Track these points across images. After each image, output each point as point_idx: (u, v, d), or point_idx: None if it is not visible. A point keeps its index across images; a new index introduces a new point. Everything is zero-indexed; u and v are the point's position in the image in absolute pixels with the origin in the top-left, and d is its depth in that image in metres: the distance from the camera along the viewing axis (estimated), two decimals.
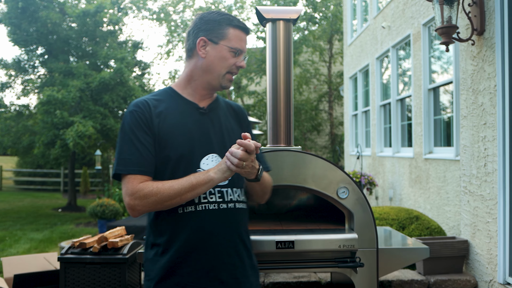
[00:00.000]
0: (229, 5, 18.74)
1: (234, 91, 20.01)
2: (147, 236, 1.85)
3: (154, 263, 1.76)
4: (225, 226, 1.82)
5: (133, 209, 1.67)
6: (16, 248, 7.59)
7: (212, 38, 1.79)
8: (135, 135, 1.72)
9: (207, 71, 1.81)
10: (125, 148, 1.72)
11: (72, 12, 12.83)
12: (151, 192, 1.65)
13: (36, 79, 14.01)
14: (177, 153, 1.76)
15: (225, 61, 1.81)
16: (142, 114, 1.74)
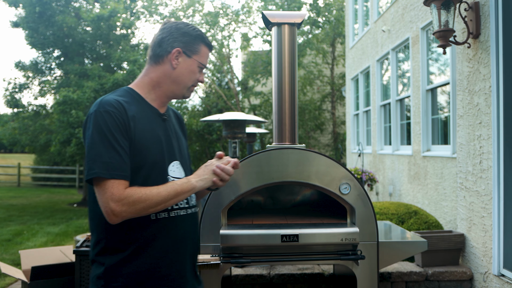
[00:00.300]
0: (237, 9, 18.81)
1: (241, 92, 20.07)
2: (103, 241, 1.70)
3: (119, 269, 1.67)
4: (192, 230, 1.86)
5: (117, 215, 1.56)
6: (33, 241, 7.71)
7: (186, 51, 1.79)
8: (115, 138, 1.61)
9: (175, 81, 1.81)
10: (104, 151, 1.58)
11: (87, 17, 12.96)
12: (140, 198, 1.58)
13: (52, 81, 14.15)
14: (150, 160, 1.71)
15: (193, 75, 1.82)
16: (120, 116, 1.64)
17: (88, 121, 1.66)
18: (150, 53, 1.84)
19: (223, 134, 4.95)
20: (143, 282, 1.69)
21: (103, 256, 1.69)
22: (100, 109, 1.64)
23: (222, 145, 19.41)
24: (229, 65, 19.51)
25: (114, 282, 1.66)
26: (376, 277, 2.82)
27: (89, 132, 1.62)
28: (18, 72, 14.08)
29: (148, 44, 15.62)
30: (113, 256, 1.68)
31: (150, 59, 1.84)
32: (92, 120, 1.63)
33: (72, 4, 13.88)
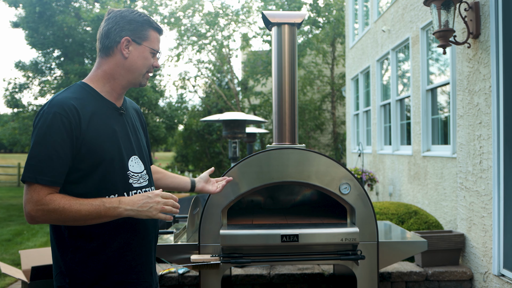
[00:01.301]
0: (237, 9, 18.82)
1: (241, 92, 20.08)
2: (61, 238, 1.68)
3: (83, 265, 1.66)
4: (152, 225, 1.87)
5: (32, 218, 1.56)
6: (33, 241, 7.69)
7: (135, 39, 1.76)
8: (54, 141, 1.58)
9: (130, 70, 1.78)
10: (37, 153, 1.57)
11: (87, 17, 12.98)
12: (56, 209, 1.56)
13: (52, 81, 14.17)
14: (107, 157, 1.70)
15: (146, 61, 1.79)
16: (67, 119, 1.60)
17: (36, 119, 1.64)
18: (100, 46, 1.79)
19: (223, 134, 4.95)
20: (106, 277, 1.70)
21: (62, 254, 1.68)
22: (49, 109, 1.61)
23: (222, 145, 19.42)
24: (229, 65, 19.52)
25: (77, 279, 1.66)
26: (376, 277, 2.83)
27: (35, 131, 1.61)
28: (18, 72, 14.11)
29: None
30: (74, 253, 1.67)
31: (100, 52, 1.79)
32: (38, 120, 1.62)
33: (72, 4, 13.90)
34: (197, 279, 3.83)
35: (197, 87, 21.14)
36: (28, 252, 3.74)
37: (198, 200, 3.21)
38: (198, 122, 18.96)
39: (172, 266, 4.00)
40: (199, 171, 20.01)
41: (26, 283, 3.47)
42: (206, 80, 20.74)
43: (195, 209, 3.11)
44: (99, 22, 12.99)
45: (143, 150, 1.90)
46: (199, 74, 20.05)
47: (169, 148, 26.80)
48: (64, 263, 1.67)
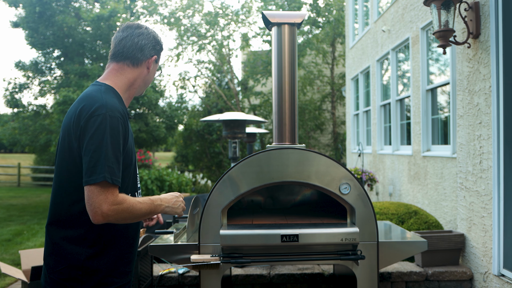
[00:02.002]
0: (237, 9, 18.82)
1: (241, 92, 20.08)
2: (78, 233, 1.78)
3: (99, 258, 1.78)
4: (141, 223, 2.09)
5: (105, 217, 1.66)
6: (33, 241, 7.69)
7: (157, 59, 2.03)
8: (119, 144, 1.72)
9: (146, 83, 2.00)
10: (110, 155, 1.68)
11: (87, 17, 12.98)
12: (127, 208, 1.70)
13: (52, 80, 14.17)
14: (134, 160, 1.90)
15: (153, 77, 2.05)
16: (124, 124, 1.76)
17: (95, 119, 1.70)
18: (127, 54, 1.93)
19: (223, 134, 4.95)
20: (118, 268, 1.85)
21: (81, 246, 1.78)
22: (110, 113, 1.71)
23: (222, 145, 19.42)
24: (229, 65, 19.52)
25: (94, 272, 1.78)
26: (376, 277, 2.83)
27: (98, 132, 1.68)
28: (18, 72, 14.11)
29: None
30: (90, 248, 1.78)
31: (126, 60, 1.93)
32: (101, 121, 1.69)
33: (72, 4, 13.89)
34: (197, 279, 3.83)
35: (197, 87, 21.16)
36: (28, 252, 3.74)
37: (198, 200, 3.21)
38: (198, 122, 18.96)
39: (172, 266, 4.00)
40: (199, 171, 20.01)
41: (26, 283, 3.47)
42: (206, 80, 20.75)
43: (195, 209, 3.11)
44: (99, 22, 13.00)
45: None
46: (199, 74, 20.06)
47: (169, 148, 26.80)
48: (77, 256, 1.76)
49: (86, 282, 1.77)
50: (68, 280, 1.77)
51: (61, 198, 1.80)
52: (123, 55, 1.92)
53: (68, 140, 1.76)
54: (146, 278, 3.55)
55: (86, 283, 1.77)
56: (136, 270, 3.32)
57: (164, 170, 11.70)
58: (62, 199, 1.79)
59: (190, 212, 2.99)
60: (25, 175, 21.81)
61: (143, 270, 3.45)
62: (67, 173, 1.77)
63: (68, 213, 1.78)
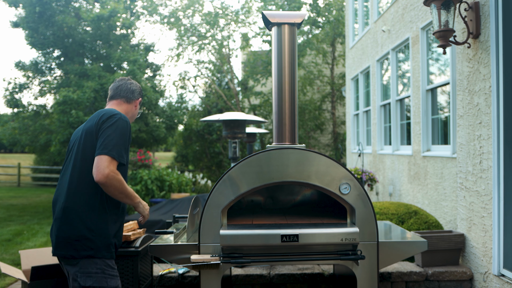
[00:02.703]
0: (236, 9, 18.82)
1: (241, 92, 20.07)
2: (101, 203, 2.47)
3: (113, 224, 2.53)
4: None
5: (106, 177, 2.33)
6: (33, 241, 7.69)
7: (141, 102, 2.92)
8: (125, 139, 2.49)
9: (132, 117, 2.87)
10: (119, 143, 2.43)
11: (87, 17, 12.98)
12: (120, 180, 2.40)
13: (52, 80, 14.16)
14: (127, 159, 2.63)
15: (137, 115, 2.92)
16: (130, 128, 2.57)
17: (112, 118, 2.48)
18: (122, 94, 2.79)
19: (223, 134, 4.95)
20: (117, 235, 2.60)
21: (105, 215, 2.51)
22: (124, 118, 2.52)
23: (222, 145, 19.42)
24: (229, 65, 19.51)
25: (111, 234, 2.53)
26: (376, 277, 2.83)
27: (114, 125, 2.45)
28: (18, 72, 14.10)
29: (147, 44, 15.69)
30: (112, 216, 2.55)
31: (121, 98, 2.78)
32: (117, 121, 2.48)
33: (72, 4, 13.88)
34: (197, 279, 3.83)
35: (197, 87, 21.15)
36: (28, 252, 3.73)
37: (198, 200, 3.21)
38: (198, 122, 18.96)
39: (172, 266, 4.00)
40: (199, 171, 20.01)
41: (26, 283, 3.47)
42: (206, 80, 20.74)
43: (195, 209, 3.12)
44: (99, 22, 12.99)
45: None
46: (199, 74, 20.05)
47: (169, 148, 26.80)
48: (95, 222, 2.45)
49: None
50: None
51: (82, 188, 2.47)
52: (121, 95, 2.78)
53: (90, 139, 2.47)
54: (146, 278, 3.55)
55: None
56: (136, 270, 3.32)
57: (164, 170, 11.69)
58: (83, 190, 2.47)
59: (190, 212, 2.99)
60: (25, 175, 21.82)
61: (143, 270, 3.45)
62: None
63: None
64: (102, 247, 2.44)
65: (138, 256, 3.30)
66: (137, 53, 14.18)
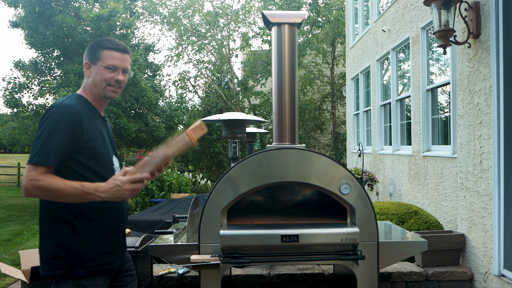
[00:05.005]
0: (236, 9, 18.81)
1: (241, 92, 20.07)
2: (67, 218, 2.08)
3: (91, 234, 2.11)
4: (125, 207, 2.32)
5: (27, 191, 1.95)
6: (33, 241, 7.67)
7: (92, 61, 2.19)
8: (55, 133, 2.00)
9: (94, 85, 2.20)
10: (51, 141, 2.00)
11: (86, 17, 12.98)
12: (44, 186, 1.94)
13: (52, 80, 14.15)
14: (97, 152, 2.15)
15: (102, 77, 2.18)
16: (70, 116, 2.05)
17: (43, 116, 2.05)
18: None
19: (223, 134, 4.95)
20: (103, 245, 2.16)
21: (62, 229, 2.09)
22: (58, 109, 2.05)
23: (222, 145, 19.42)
24: (229, 65, 19.51)
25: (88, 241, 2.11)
26: (376, 277, 2.83)
27: (43, 125, 2.02)
28: (18, 72, 14.09)
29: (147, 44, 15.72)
30: (83, 223, 2.11)
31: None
32: (48, 117, 2.03)
33: (72, 4, 13.88)
34: (197, 279, 3.83)
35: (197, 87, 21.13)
36: (27, 252, 3.73)
37: (198, 200, 3.21)
38: None
39: (172, 266, 3.99)
40: (199, 171, 20.01)
41: (26, 283, 3.47)
42: (206, 80, 20.74)
43: (195, 209, 3.11)
44: (99, 22, 13.00)
45: (115, 151, 2.38)
46: (199, 74, 20.05)
47: None
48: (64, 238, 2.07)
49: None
50: None
51: None
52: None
53: None
54: (146, 278, 3.55)
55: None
56: (136, 270, 3.32)
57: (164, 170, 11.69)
58: None
59: (190, 212, 2.99)
60: None
61: (143, 270, 3.45)
62: None
63: None
64: (76, 263, 2.08)
65: (138, 256, 3.30)
66: (137, 53, 14.19)
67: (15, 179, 21.27)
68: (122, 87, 2.25)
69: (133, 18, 15.04)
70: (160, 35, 38.24)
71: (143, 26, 22.73)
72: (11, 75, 17.15)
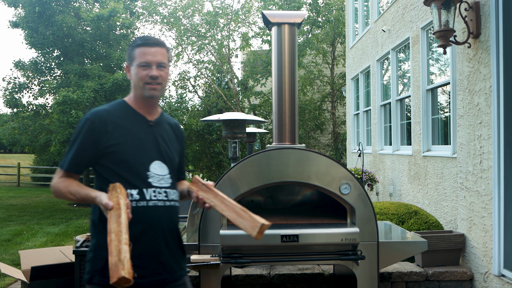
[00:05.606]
0: (236, 9, 18.81)
1: (241, 92, 20.06)
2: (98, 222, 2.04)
3: (102, 246, 1.97)
4: (167, 219, 2.13)
5: (51, 191, 2.10)
6: (33, 241, 7.67)
7: (129, 63, 2.15)
8: (81, 136, 2.05)
9: (134, 87, 2.15)
10: (70, 148, 2.09)
11: (86, 17, 12.99)
12: (53, 187, 2.08)
13: (52, 80, 14.16)
14: (124, 157, 2.06)
15: (138, 76, 2.10)
16: (92, 123, 2.05)
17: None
18: None
19: (223, 134, 4.95)
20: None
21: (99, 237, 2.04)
22: (85, 116, 2.09)
23: (222, 145, 19.42)
24: (229, 65, 19.51)
25: (102, 258, 1.97)
26: (376, 277, 2.83)
27: (74, 132, 2.13)
28: (18, 72, 14.08)
29: None
30: (100, 235, 2.02)
31: None
32: (78, 123, 2.13)
33: (72, 4, 13.88)
34: (197, 279, 3.83)
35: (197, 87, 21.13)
36: (27, 252, 3.74)
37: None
38: (198, 122, 18.95)
39: None
40: (199, 171, 20.01)
41: (26, 283, 3.47)
42: (206, 80, 20.74)
43: (195, 209, 3.11)
44: (99, 22, 13.00)
45: (168, 157, 2.19)
46: (199, 74, 20.05)
47: None
48: (93, 243, 2.06)
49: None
50: None
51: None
52: None
53: None
54: None
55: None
56: None
57: None
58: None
59: (190, 212, 2.99)
60: (24, 175, 21.81)
61: None
62: None
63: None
64: (96, 270, 2.02)
65: None
66: None
67: (15, 179, 21.26)
68: (161, 83, 2.12)
69: (133, 18, 15.03)
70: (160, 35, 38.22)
71: (143, 26, 22.78)
72: (11, 75, 17.14)
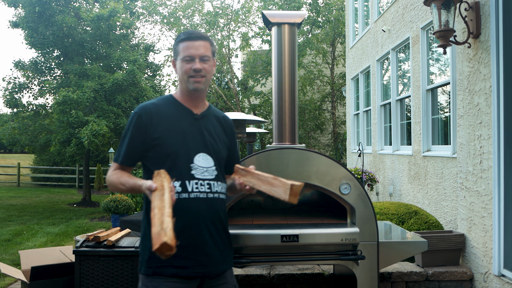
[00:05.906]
0: (236, 9, 18.82)
1: (241, 92, 20.07)
2: (145, 215, 2.11)
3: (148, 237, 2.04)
4: (210, 211, 2.11)
5: (107, 183, 2.16)
6: (33, 241, 7.67)
7: (175, 58, 2.21)
8: (127, 134, 2.15)
9: (180, 81, 2.23)
10: (121, 142, 2.18)
11: (86, 17, 12.98)
12: (107, 179, 2.14)
13: (52, 80, 14.14)
14: (168, 150, 2.11)
15: (182, 70, 2.16)
16: (142, 117, 2.13)
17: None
18: None
19: None
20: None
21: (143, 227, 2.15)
22: (134, 111, 2.17)
23: None
24: (229, 65, 19.51)
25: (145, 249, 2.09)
26: (376, 277, 2.83)
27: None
28: (18, 72, 14.08)
29: (147, 44, 15.73)
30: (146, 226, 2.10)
31: None
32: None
33: (72, 4, 13.87)
34: None
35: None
36: (27, 252, 3.73)
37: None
38: None
39: None
40: None
41: (26, 283, 3.47)
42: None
43: None
44: (99, 22, 12.99)
45: (214, 150, 2.19)
46: None
47: None
48: (142, 233, 2.13)
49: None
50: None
51: None
52: None
53: None
54: None
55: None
56: (136, 270, 3.31)
57: None
58: None
59: None
60: (24, 175, 21.81)
61: None
62: None
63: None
64: (144, 260, 2.09)
65: (138, 256, 3.29)
66: (137, 53, 14.17)
67: (15, 179, 21.26)
68: (205, 75, 2.16)
69: (133, 18, 15.02)
70: (160, 35, 38.20)
71: (143, 26, 22.77)
72: (11, 75, 17.12)
